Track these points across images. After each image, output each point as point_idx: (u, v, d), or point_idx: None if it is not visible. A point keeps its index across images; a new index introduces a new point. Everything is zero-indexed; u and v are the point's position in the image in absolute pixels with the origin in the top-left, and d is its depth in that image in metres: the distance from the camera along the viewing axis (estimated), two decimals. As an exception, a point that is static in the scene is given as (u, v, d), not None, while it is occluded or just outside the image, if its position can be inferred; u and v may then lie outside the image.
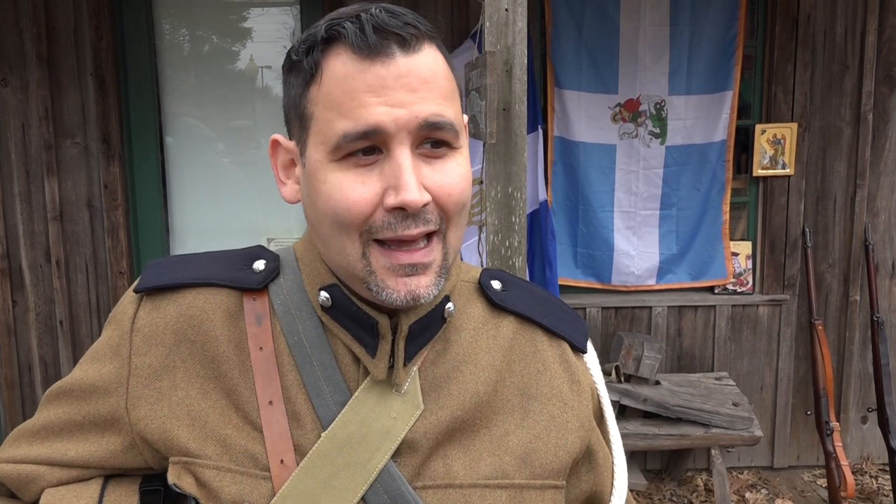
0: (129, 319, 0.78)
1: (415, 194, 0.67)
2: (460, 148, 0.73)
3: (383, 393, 0.75)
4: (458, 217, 0.72)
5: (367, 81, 0.67)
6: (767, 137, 3.53)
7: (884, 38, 3.50)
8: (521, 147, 1.99)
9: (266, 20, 3.62)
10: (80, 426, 0.79)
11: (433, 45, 0.71)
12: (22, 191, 3.38)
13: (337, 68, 0.68)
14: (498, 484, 0.76)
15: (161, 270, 0.80)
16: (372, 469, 0.73)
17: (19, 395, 3.50)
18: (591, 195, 3.57)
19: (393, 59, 0.67)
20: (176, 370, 0.76)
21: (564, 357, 0.85)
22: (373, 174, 0.69)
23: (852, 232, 3.61)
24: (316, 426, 0.74)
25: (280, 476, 0.72)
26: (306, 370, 0.75)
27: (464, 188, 0.72)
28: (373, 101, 0.67)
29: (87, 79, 3.35)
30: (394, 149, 0.68)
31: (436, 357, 0.79)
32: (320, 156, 0.70)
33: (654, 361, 3.27)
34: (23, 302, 3.45)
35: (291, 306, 0.78)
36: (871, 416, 3.71)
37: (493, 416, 0.79)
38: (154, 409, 0.75)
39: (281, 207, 3.68)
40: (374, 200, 0.68)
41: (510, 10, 1.96)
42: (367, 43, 0.67)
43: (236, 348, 0.76)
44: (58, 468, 0.79)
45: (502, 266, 2.02)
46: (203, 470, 0.73)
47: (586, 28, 3.46)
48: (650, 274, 3.65)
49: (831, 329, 3.67)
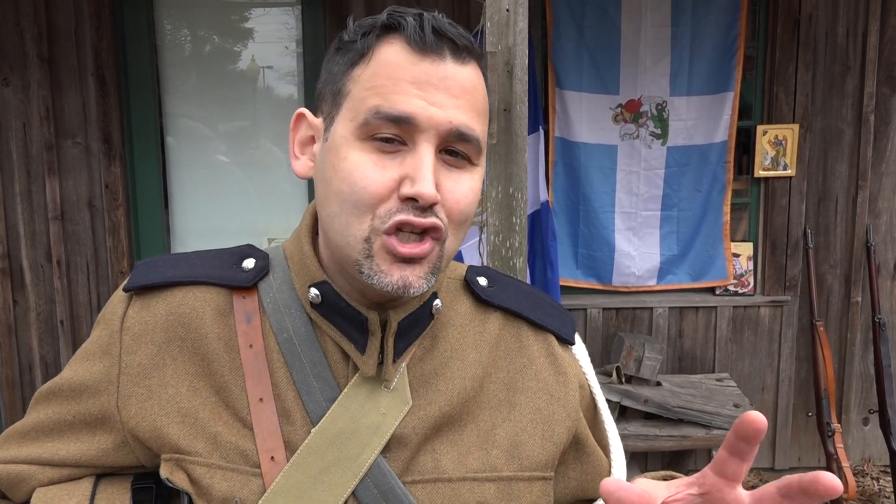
0: (118, 318, 0.79)
1: (430, 187, 0.68)
2: (478, 166, 0.75)
3: (372, 389, 0.76)
4: (459, 225, 0.74)
5: (412, 73, 0.69)
6: (769, 138, 3.53)
7: (885, 39, 3.49)
8: (521, 147, 1.98)
9: (267, 20, 3.62)
10: (71, 425, 0.79)
11: (479, 65, 0.74)
12: (23, 190, 3.38)
13: (388, 55, 0.70)
14: (486, 477, 0.77)
15: (150, 269, 0.81)
16: (362, 464, 0.73)
17: (20, 395, 3.50)
18: (591, 196, 3.57)
19: (443, 61, 0.70)
20: (166, 368, 0.76)
21: (550, 350, 0.86)
22: (394, 162, 0.70)
23: (854, 233, 3.61)
24: (306, 422, 0.75)
25: (270, 472, 0.73)
26: (296, 367, 0.76)
27: (471, 201, 0.74)
28: (413, 93, 0.69)
29: (87, 79, 3.35)
30: (419, 143, 0.69)
31: (424, 353, 0.80)
32: (346, 132, 0.71)
33: (655, 362, 3.26)
34: (23, 302, 3.45)
35: (281, 304, 0.78)
36: (872, 418, 3.70)
37: (480, 411, 0.80)
38: (145, 407, 0.76)
39: (282, 207, 3.68)
40: (392, 186, 0.69)
41: (511, 11, 1.96)
42: (424, 39, 0.69)
43: (226, 346, 0.77)
44: (49, 468, 0.79)
45: (503, 267, 2.02)
46: (194, 467, 0.74)
47: (587, 29, 3.45)
48: (651, 275, 3.64)
49: (833, 330, 3.66)
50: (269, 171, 3.68)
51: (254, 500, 0.72)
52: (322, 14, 3.46)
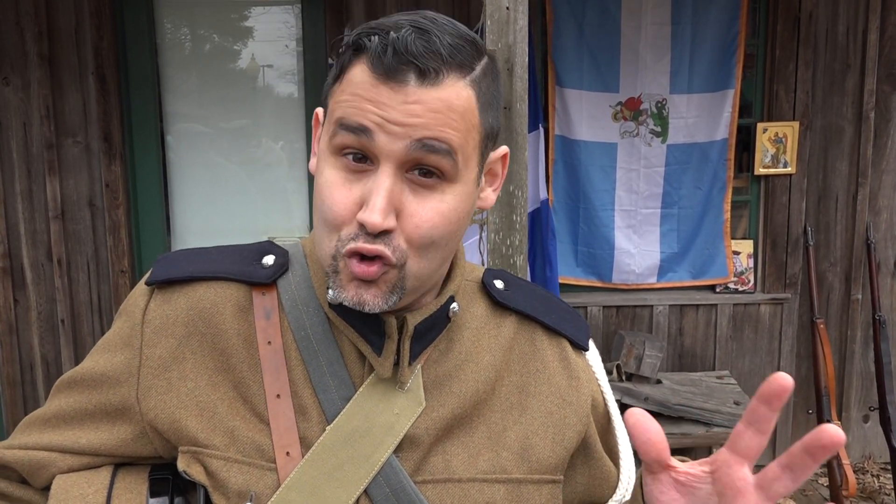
0: (140, 311, 0.79)
1: (376, 216, 0.66)
2: (455, 183, 0.70)
3: (387, 389, 0.77)
4: (425, 250, 0.71)
5: (371, 96, 0.67)
6: (769, 136, 3.53)
7: (886, 36, 3.49)
8: (522, 145, 1.99)
9: (267, 19, 3.62)
10: (92, 415, 0.80)
11: (461, 77, 0.69)
12: (23, 189, 3.38)
13: (355, 74, 0.69)
14: (496, 478, 0.78)
15: (172, 263, 0.82)
16: (375, 462, 0.74)
17: (21, 394, 3.50)
18: (591, 194, 3.57)
19: (404, 87, 0.66)
20: (186, 361, 0.77)
21: (564, 354, 0.86)
22: (359, 184, 0.69)
23: (854, 230, 3.61)
24: (321, 420, 0.75)
25: (286, 468, 0.73)
26: (313, 365, 0.77)
27: (436, 224, 0.70)
28: (371, 110, 0.67)
29: (88, 78, 3.35)
30: (380, 166, 0.68)
31: (439, 356, 0.80)
32: (325, 145, 0.72)
33: (656, 360, 3.27)
34: (24, 301, 3.45)
35: (299, 301, 0.79)
36: (872, 415, 3.70)
37: (492, 413, 0.81)
38: (164, 399, 0.77)
39: (283, 207, 3.68)
40: (353, 209, 0.69)
41: (511, 9, 1.96)
42: (383, 65, 0.66)
43: (245, 342, 0.78)
44: (69, 455, 0.80)
45: (503, 264, 2.02)
46: (211, 460, 0.75)
47: (587, 27, 3.45)
48: (651, 272, 3.64)
49: (833, 328, 3.67)
50: (269, 170, 3.68)
51: (268, 494, 0.73)
52: (322, 13, 3.46)
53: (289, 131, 3.63)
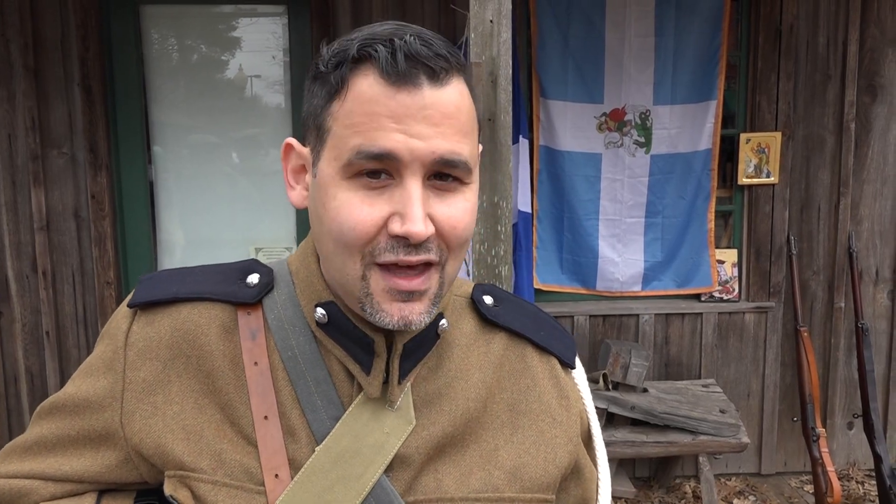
0: (122, 334, 0.79)
1: (419, 226, 0.67)
2: (471, 183, 0.73)
3: (377, 408, 0.76)
4: (459, 250, 0.73)
5: (390, 107, 0.67)
6: (752, 146, 3.57)
7: (865, 48, 3.55)
8: (506, 157, 2.01)
9: (254, 30, 3.63)
10: (75, 441, 0.79)
11: (461, 79, 0.71)
12: (8, 201, 3.37)
13: (363, 89, 0.68)
14: (488, 498, 0.78)
15: (155, 285, 0.81)
16: (365, 483, 0.74)
17: (5, 407, 3.47)
18: (576, 203, 3.59)
19: (419, 90, 0.67)
20: (171, 384, 0.76)
21: (554, 373, 0.86)
22: (382, 198, 0.69)
23: (836, 239, 3.65)
24: (310, 441, 0.75)
25: (275, 490, 0.73)
26: (300, 385, 0.76)
27: (468, 222, 0.72)
28: (392, 127, 0.67)
29: (74, 89, 3.34)
30: (406, 177, 0.68)
31: (428, 373, 0.80)
32: (332, 171, 0.70)
33: (642, 369, 3.28)
34: (9, 313, 3.43)
35: (285, 321, 0.78)
36: (856, 422, 3.73)
37: (483, 432, 0.80)
38: (149, 423, 0.76)
39: (269, 217, 3.68)
40: (380, 223, 0.69)
41: (495, 22, 1.99)
42: (397, 70, 0.67)
43: (231, 363, 0.77)
44: (51, 483, 0.79)
45: (488, 275, 2.03)
46: (198, 484, 0.74)
47: (572, 39, 3.49)
48: (635, 280, 3.67)
49: (817, 336, 3.70)
50: (256, 181, 3.68)
51: None
52: (309, 23, 3.47)
53: (276, 141, 3.63)
